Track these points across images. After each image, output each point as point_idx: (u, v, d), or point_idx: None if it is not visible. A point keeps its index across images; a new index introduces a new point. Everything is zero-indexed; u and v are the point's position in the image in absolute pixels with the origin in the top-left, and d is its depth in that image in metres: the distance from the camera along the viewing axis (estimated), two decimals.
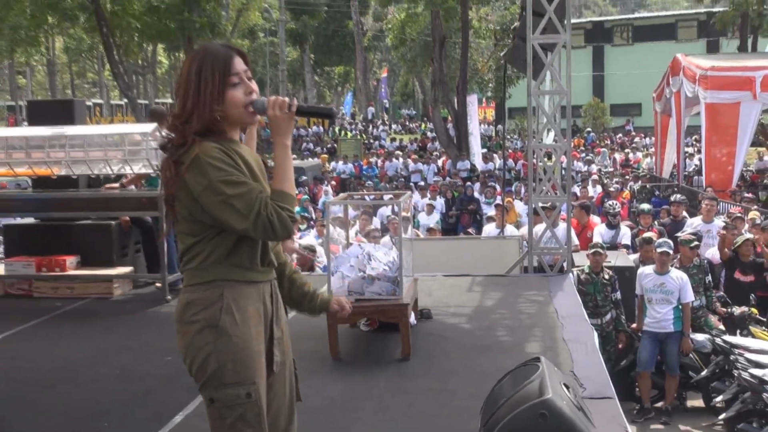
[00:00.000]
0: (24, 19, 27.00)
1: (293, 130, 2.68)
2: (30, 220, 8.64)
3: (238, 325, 2.54)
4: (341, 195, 9.65)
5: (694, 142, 27.39)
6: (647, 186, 20.10)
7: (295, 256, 8.60)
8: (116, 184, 8.31)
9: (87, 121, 12.12)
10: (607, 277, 8.62)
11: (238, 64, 2.60)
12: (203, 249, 2.57)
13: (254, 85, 2.66)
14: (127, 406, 4.94)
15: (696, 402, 8.69)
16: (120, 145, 7.92)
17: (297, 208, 11.31)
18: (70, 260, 8.05)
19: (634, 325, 8.63)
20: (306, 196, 18.14)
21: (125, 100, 39.13)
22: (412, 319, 6.21)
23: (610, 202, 11.73)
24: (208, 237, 2.56)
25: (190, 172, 2.48)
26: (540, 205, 9.09)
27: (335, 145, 35.66)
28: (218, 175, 2.46)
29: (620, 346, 8.63)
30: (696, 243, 9.11)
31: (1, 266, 8.40)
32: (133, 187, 8.23)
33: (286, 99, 2.62)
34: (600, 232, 10.60)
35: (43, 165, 8.13)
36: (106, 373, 5.62)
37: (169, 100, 61.69)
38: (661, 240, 8.86)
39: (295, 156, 31.24)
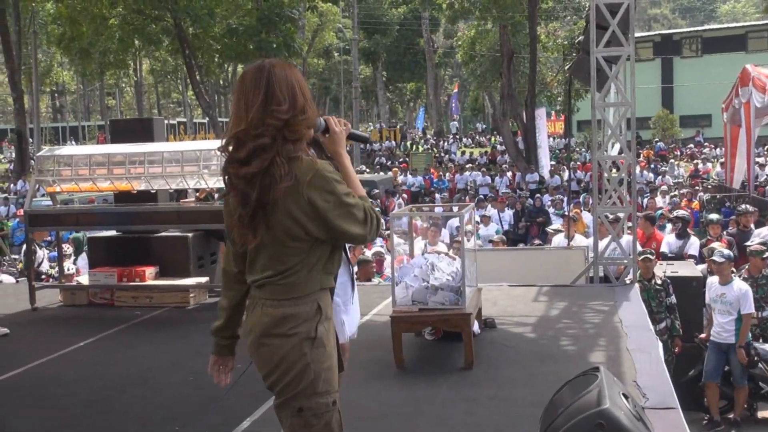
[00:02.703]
0: (112, 44, 28.13)
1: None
2: (112, 232, 9.01)
3: (329, 335, 2.66)
4: (406, 207, 9.80)
5: (766, 152, 26.66)
6: (717, 196, 19.67)
7: (355, 268, 8.78)
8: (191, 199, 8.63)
9: (167, 138, 12.55)
10: (659, 282, 8.59)
11: None
12: (305, 264, 2.60)
13: None
14: (197, 411, 5.13)
15: (767, 413, 8.53)
16: (196, 161, 8.23)
17: None
18: (149, 271, 8.39)
19: (702, 335, 8.54)
20: (378, 209, 18.32)
21: (207, 119, 40.19)
22: (476, 328, 6.30)
23: (679, 211, 11.63)
24: (310, 251, 2.61)
25: (312, 188, 2.52)
26: (606, 215, 9.09)
27: (407, 159, 35.87)
28: (342, 188, 2.56)
29: (676, 350, 8.57)
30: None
31: (86, 276, 8.80)
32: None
33: (342, 120, 2.84)
34: (668, 241, 10.50)
35: (124, 180, 8.49)
36: (180, 378, 5.85)
37: None
38: (717, 250, 8.76)
39: (367, 170, 31.56)
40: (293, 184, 2.51)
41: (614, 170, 14.83)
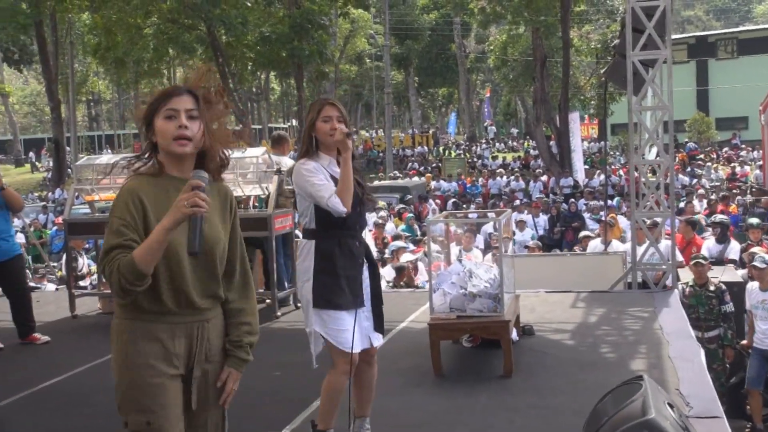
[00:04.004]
0: (147, 53, 28.53)
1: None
2: None
3: (140, 357, 2.65)
4: (442, 213, 9.77)
5: None
6: (761, 199, 19.37)
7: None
8: None
9: None
10: (712, 289, 8.42)
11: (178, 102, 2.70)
12: None
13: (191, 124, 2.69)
14: (236, 418, 5.11)
15: None
16: (232, 169, 8.26)
17: (402, 226, 11.49)
18: None
19: (744, 342, 8.40)
20: (411, 214, 18.33)
21: (240, 126, 40.49)
22: (514, 335, 6.25)
23: (717, 216, 11.46)
24: None
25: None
26: (644, 220, 9.00)
27: (440, 164, 35.83)
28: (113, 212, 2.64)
29: (727, 361, 8.42)
30: None
31: None
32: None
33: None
34: (708, 246, 10.35)
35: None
36: None
37: (282, 125, 63.39)
38: (758, 255, 8.61)
39: (400, 175, 31.55)
40: None
41: (650, 174, 14.66)
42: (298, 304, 8.29)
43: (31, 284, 9.14)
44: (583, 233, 13.49)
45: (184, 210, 2.46)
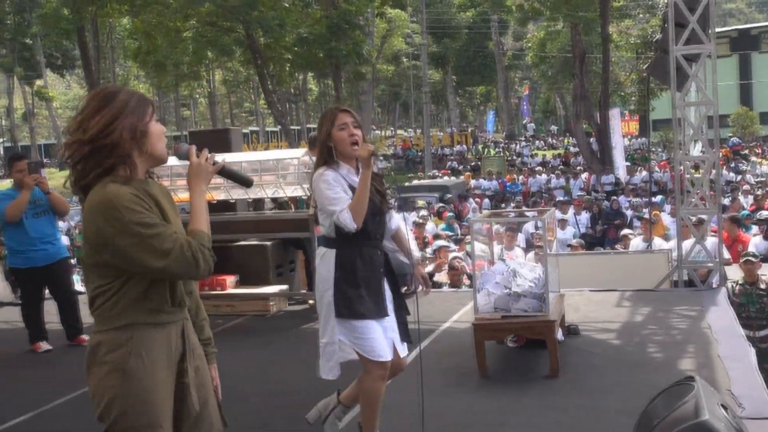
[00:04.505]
0: (186, 56, 28.81)
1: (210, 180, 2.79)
2: None
3: (147, 370, 2.57)
4: (486, 212, 9.72)
5: None
6: None
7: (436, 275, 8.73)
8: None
9: (243, 148, 12.74)
10: (763, 287, 8.25)
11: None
12: (112, 293, 2.59)
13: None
14: (283, 419, 5.14)
15: None
16: (274, 170, 8.31)
17: (442, 225, 11.46)
18: (230, 279, 8.50)
19: None
20: (451, 213, 18.28)
21: (279, 127, 40.75)
22: (560, 335, 6.19)
23: (763, 212, 11.24)
24: (120, 282, 2.59)
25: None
26: (689, 217, 8.86)
27: (479, 162, 35.71)
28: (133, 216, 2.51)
29: None
30: None
31: None
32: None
33: (212, 155, 2.77)
34: (755, 243, 10.16)
35: None
36: (264, 387, 5.89)
37: None
38: None
39: (439, 174, 31.47)
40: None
41: (694, 170, 14.45)
42: None
43: (78, 287, 9.25)
44: (625, 231, 13.33)
45: (211, 169, 2.75)
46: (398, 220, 4.41)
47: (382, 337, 4.03)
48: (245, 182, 3.03)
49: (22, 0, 44.99)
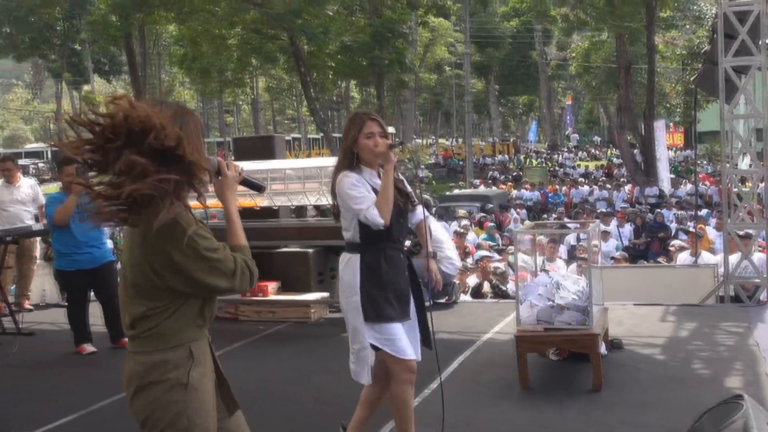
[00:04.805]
0: (231, 63, 29.15)
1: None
2: None
3: (203, 380, 2.68)
4: (529, 223, 9.65)
5: None
6: None
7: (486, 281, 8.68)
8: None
9: (286, 155, 12.82)
10: None
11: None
12: (170, 313, 2.65)
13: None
14: (322, 426, 5.14)
15: None
16: (317, 178, 8.34)
17: (483, 235, 11.41)
18: (272, 286, 8.54)
19: None
20: (492, 224, 18.19)
21: (321, 134, 40.98)
22: (603, 349, 6.11)
23: None
24: (178, 302, 2.66)
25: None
26: (736, 232, 8.70)
27: (520, 173, 35.53)
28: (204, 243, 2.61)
29: None
30: None
31: None
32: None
33: (239, 165, 2.80)
34: None
35: (247, 197, 8.68)
36: (303, 393, 5.89)
37: None
38: None
39: (480, 184, 31.31)
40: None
41: (741, 184, 14.21)
42: None
43: None
44: (673, 243, 13.13)
45: (238, 178, 2.80)
46: (421, 214, 4.38)
47: (407, 339, 4.04)
48: (258, 188, 3.07)
49: (72, 7, 45.90)
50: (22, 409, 5.85)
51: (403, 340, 4.01)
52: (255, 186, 3.01)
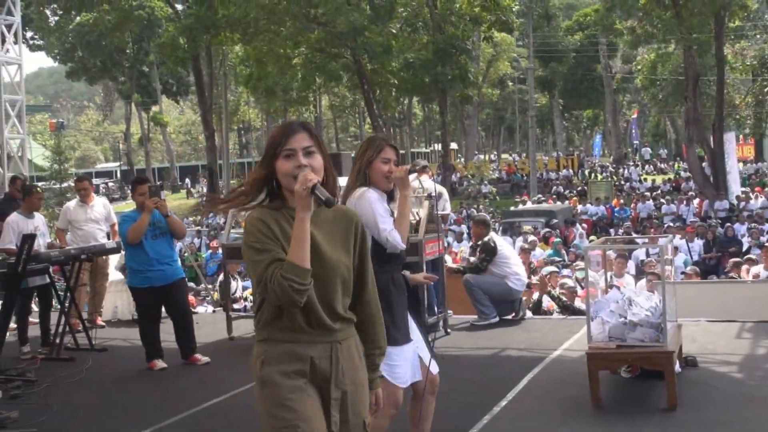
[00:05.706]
0: (296, 82, 29.57)
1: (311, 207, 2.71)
2: None
3: (275, 377, 2.75)
4: (599, 239, 9.52)
5: None
6: None
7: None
8: None
9: None
10: None
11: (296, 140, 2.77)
12: (257, 307, 2.86)
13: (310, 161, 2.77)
14: None
15: None
16: None
17: (549, 251, 11.26)
18: None
19: None
20: (558, 239, 17.99)
21: None
22: (677, 366, 5.98)
23: None
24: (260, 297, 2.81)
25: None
26: None
27: (585, 187, 35.06)
28: (248, 239, 2.73)
29: None
30: None
31: None
32: None
33: (313, 178, 2.68)
34: None
35: None
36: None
37: (424, 149, 63.96)
38: None
39: (544, 198, 31.07)
40: None
41: None
42: (449, 330, 8.27)
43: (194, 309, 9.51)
44: (748, 257, 12.80)
45: (306, 186, 2.65)
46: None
47: (407, 365, 4.03)
48: (326, 203, 2.84)
49: (141, 30, 47.18)
50: (95, 423, 5.98)
51: (402, 366, 4.00)
52: (322, 200, 2.99)
